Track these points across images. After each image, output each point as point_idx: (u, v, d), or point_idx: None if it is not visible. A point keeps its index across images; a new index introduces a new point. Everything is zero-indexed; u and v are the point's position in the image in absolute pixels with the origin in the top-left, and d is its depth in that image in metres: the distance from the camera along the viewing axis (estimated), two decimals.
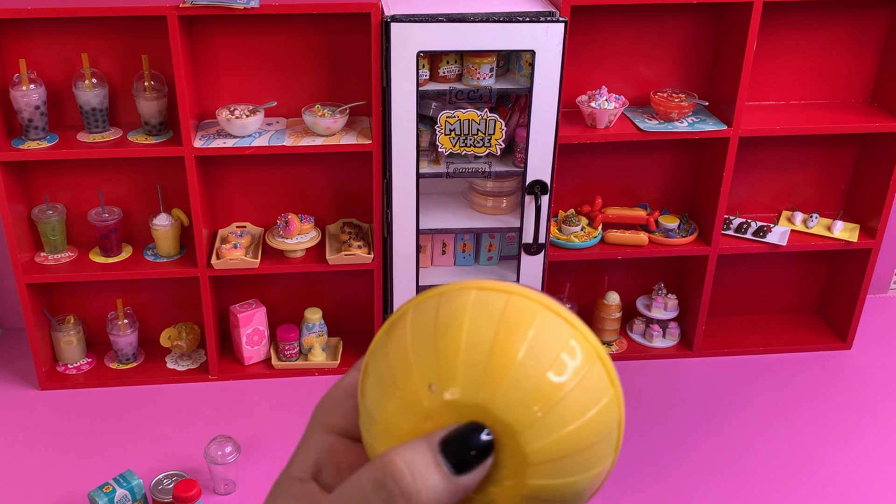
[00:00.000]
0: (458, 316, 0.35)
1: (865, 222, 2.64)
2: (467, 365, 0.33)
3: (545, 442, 0.33)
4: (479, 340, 0.34)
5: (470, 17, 2.12)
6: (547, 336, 0.35)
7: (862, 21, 2.49)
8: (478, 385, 0.33)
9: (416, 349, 0.35)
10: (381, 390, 0.36)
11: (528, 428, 0.33)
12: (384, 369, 0.36)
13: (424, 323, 0.36)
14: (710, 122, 2.43)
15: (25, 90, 2.22)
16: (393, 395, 0.35)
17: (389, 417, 0.35)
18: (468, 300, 0.36)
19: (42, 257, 2.46)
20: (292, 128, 2.39)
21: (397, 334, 0.36)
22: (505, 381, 0.33)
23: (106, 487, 2.01)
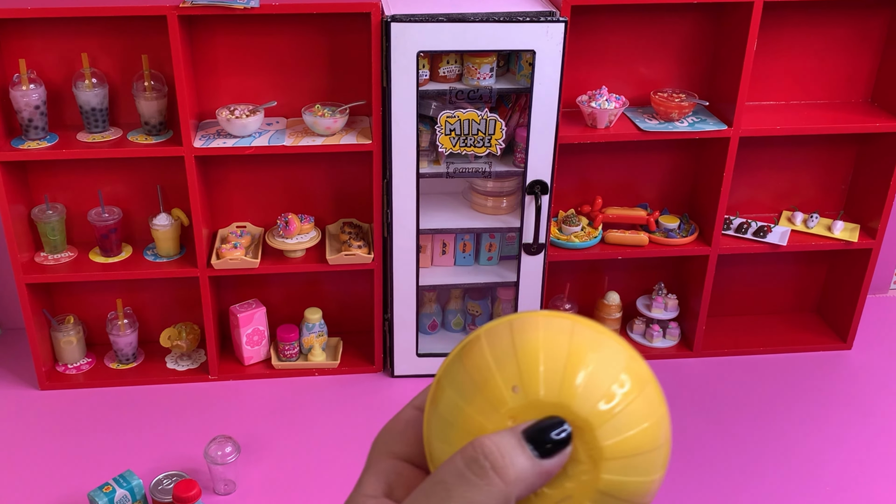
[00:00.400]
0: (533, 332, 0.40)
1: (866, 222, 2.64)
2: (548, 369, 0.38)
3: (618, 439, 0.38)
4: (555, 351, 0.39)
5: (470, 16, 2.12)
6: (611, 356, 0.40)
7: (862, 21, 2.49)
8: (559, 386, 0.38)
9: (496, 360, 0.39)
10: (462, 396, 0.39)
11: (603, 424, 0.37)
12: (464, 379, 0.40)
13: (501, 340, 0.40)
14: (710, 122, 2.43)
15: (25, 90, 2.22)
16: (476, 398, 0.39)
17: (472, 419, 0.38)
18: (539, 321, 0.41)
19: (42, 257, 2.46)
20: (292, 128, 2.39)
21: (474, 351, 0.41)
22: (582, 384, 0.38)
23: (106, 487, 2.01)
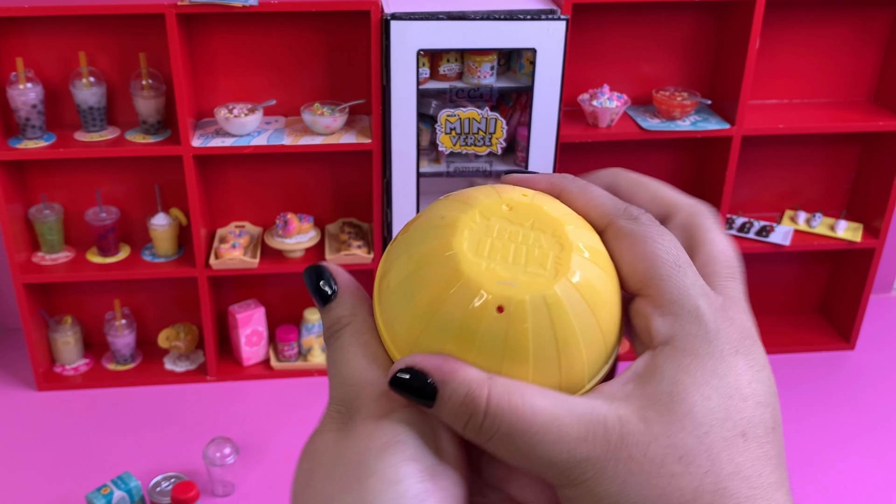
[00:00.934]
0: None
1: (869, 222, 2.62)
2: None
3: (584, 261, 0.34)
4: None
5: (470, 14, 2.10)
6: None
7: (865, 19, 2.47)
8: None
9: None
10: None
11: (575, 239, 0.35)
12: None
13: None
14: (712, 121, 2.41)
15: (22, 89, 2.21)
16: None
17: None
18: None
19: (39, 257, 2.44)
20: (291, 126, 2.38)
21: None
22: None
23: (104, 489, 1.99)
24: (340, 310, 0.37)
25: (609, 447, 0.31)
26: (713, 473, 0.31)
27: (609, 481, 0.31)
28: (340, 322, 0.36)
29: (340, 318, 0.36)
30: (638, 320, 0.34)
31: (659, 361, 0.32)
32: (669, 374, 0.32)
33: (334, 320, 0.36)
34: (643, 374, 0.32)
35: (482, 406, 0.31)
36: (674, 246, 0.34)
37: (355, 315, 0.36)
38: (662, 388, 0.32)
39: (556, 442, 0.31)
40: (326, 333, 0.37)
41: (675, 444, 0.31)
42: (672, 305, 0.33)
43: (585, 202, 0.36)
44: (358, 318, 0.36)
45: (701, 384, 0.32)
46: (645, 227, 0.34)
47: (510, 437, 0.31)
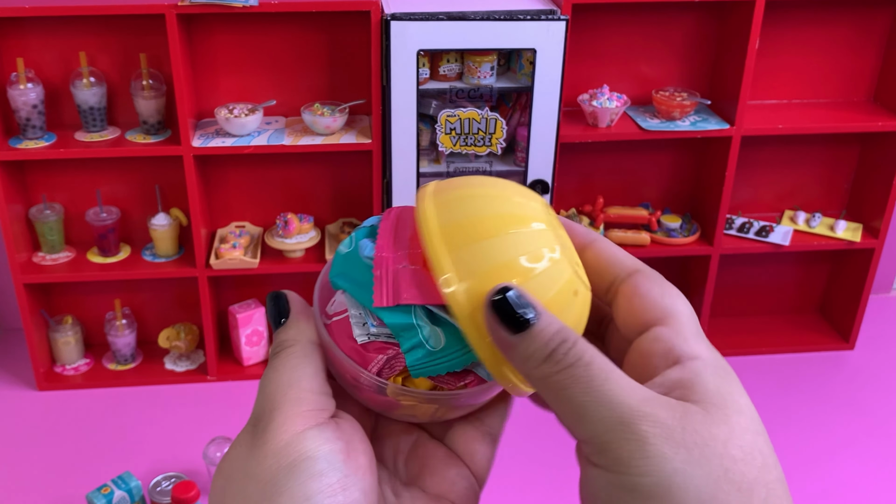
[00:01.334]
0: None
1: (868, 222, 2.62)
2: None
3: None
4: None
5: (470, 15, 2.10)
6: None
7: (865, 19, 2.47)
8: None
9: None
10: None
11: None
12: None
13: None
14: (712, 121, 2.42)
15: (23, 89, 2.21)
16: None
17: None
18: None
19: (40, 257, 2.45)
20: (291, 127, 2.38)
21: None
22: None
23: (104, 489, 2.00)
24: (286, 333, 0.40)
25: (675, 415, 0.32)
26: (766, 471, 0.33)
27: (675, 449, 0.32)
28: (283, 344, 0.40)
29: (284, 340, 0.40)
30: (658, 345, 0.37)
31: (696, 369, 0.35)
32: (712, 381, 0.34)
33: (279, 342, 0.40)
34: (683, 379, 0.34)
35: (574, 336, 0.34)
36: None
37: (297, 340, 0.39)
38: (711, 389, 0.34)
39: (632, 390, 0.33)
40: (270, 353, 0.40)
41: (735, 433, 0.33)
42: (697, 335, 0.37)
43: (619, 251, 0.41)
44: (299, 343, 0.39)
45: (740, 394, 0.35)
46: (665, 280, 0.40)
47: (591, 367, 0.33)
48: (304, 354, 0.39)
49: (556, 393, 0.34)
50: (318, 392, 0.38)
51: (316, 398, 0.37)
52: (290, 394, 0.37)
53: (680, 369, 0.35)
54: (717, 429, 0.32)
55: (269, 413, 0.36)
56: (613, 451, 0.32)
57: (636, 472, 0.32)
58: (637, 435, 0.32)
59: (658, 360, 0.36)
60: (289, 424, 0.36)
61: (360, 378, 0.40)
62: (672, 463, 0.31)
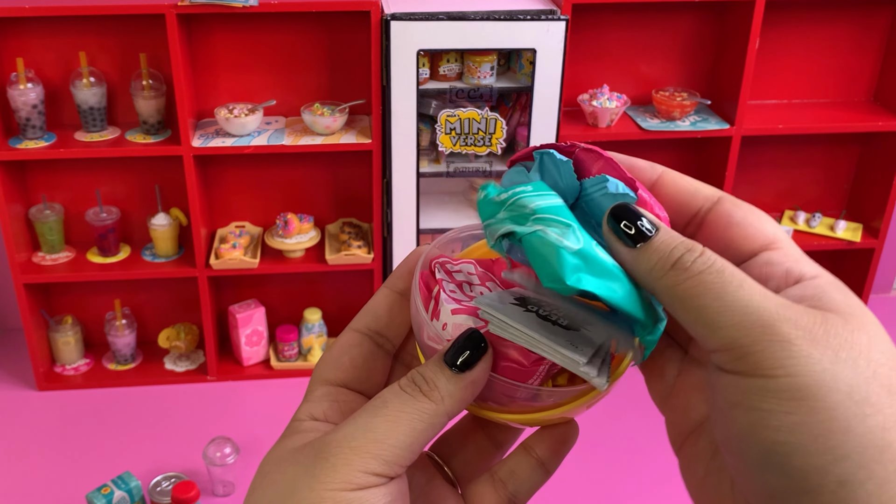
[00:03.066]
0: None
1: (868, 222, 2.62)
2: None
3: None
4: None
5: (470, 15, 2.10)
6: None
7: (865, 19, 2.47)
8: None
9: None
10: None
11: None
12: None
13: None
14: (712, 121, 2.42)
15: (23, 89, 2.21)
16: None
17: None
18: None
19: (39, 257, 2.45)
20: (291, 127, 2.38)
21: None
22: None
23: (104, 489, 1.99)
24: (440, 382, 0.37)
25: (816, 320, 0.32)
26: None
27: (821, 350, 0.31)
28: (426, 386, 0.37)
29: (433, 382, 0.37)
30: (774, 268, 0.35)
31: (820, 285, 0.34)
32: (838, 295, 0.34)
33: (427, 379, 0.37)
34: (811, 294, 0.34)
35: (700, 247, 0.33)
36: None
37: (441, 400, 0.37)
38: (839, 301, 0.33)
39: (768, 295, 0.32)
40: (403, 384, 0.37)
41: (874, 338, 0.32)
42: (807, 258, 0.36)
43: (694, 181, 0.39)
44: (442, 405, 0.37)
45: (866, 308, 0.34)
46: (752, 206, 0.38)
47: (723, 273, 0.33)
48: (435, 420, 0.36)
49: (685, 302, 0.33)
50: (409, 458, 0.36)
51: (404, 464, 0.36)
52: (383, 452, 0.35)
53: (804, 287, 0.34)
54: (859, 334, 0.32)
55: (345, 457, 0.35)
56: (756, 355, 0.31)
57: (783, 373, 0.31)
58: (781, 336, 0.31)
59: (778, 282, 0.35)
60: (360, 479, 0.34)
61: (515, 393, 0.38)
62: (821, 363, 0.30)
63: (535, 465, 0.41)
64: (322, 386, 0.41)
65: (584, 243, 0.34)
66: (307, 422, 0.39)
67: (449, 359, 0.37)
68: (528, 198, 0.36)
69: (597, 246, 0.35)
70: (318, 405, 0.40)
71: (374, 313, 0.42)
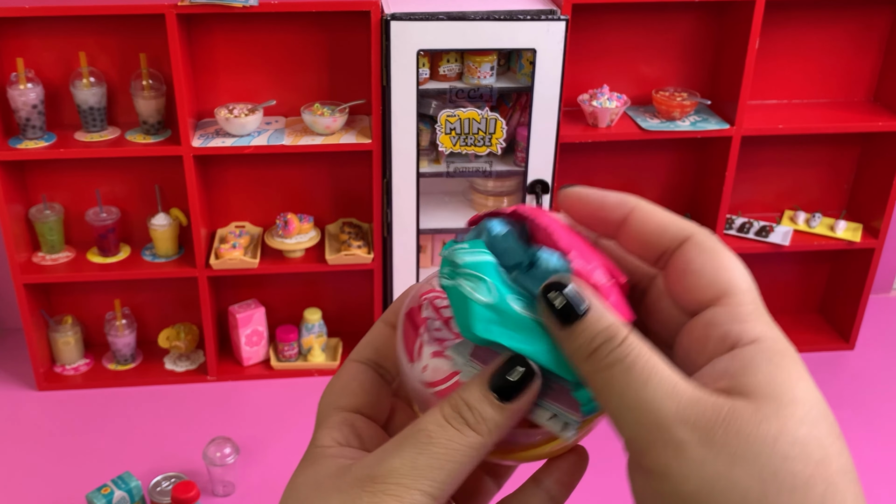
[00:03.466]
0: None
1: (868, 222, 2.62)
2: None
3: None
4: None
5: (470, 15, 2.10)
6: None
7: (865, 19, 2.47)
8: None
9: None
10: None
11: None
12: None
13: None
14: (712, 121, 2.42)
15: (23, 89, 2.21)
16: None
17: None
18: None
19: (39, 257, 2.45)
20: (291, 127, 2.38)
21: None
22: None
23: (104, 489, 2.00)
24: (486, 413, 0.36)
25: (719, 416, 0.31)
26: (825, 465, 0.30)
27: (715, 452, 0.30)
28: (475, 420, 0.36)
29: (479, 414, 0.36)
30: (712, 330, 0.34)
31: (750, 356, 0.32)
32: (766, 368, 0.32)
33: (470, 409, 0.36)
34: (736, 368, 0.32)
35: (623, 334, 0.33)
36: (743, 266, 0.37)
37: (488, 432, 0.36)
38: (762, 379, 0.32)
39: (671, 394, 0.31)
40: (448, 414, 0.36)
41: (787, 427, 0.30)
42: (755, 313, 0.34)
43: (664, 217, 0.38)
44: (488, 437, 0.36)
45: (798, 379, 0.32)
46: (722, 245, 0.36)
47: (631, 370, 0.32)
48: (479, 453, 0.35)
49: (597, 393, 0.33)
50: (452, 490, 0.35)
51: (444, 493, 0.35)
52: (430, 487, 0.34)
53: (731, 358, 0.33)
54: (767, 425, 0.30)
55: (394, 488, 0.34)
56: (652, 457, 0.31)
57: (676, 478, 0.31)
58: (675, 440, 0.31)
59: (713, 347, 0.34)
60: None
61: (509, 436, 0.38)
62: (713, 467, 0.30)
63: (546, 497, 0.41)
64: (338, 412, 0.40)
65: (498, 298, 0.35)
66: (334, 447, 0.38)
67: (494, 385, 0.35)
68: (459, 253, 0.37)
69: (515, 301, 0.35)
70: (339, 431, 0.39)
71: (372, 346, 0.42)
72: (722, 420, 0.31)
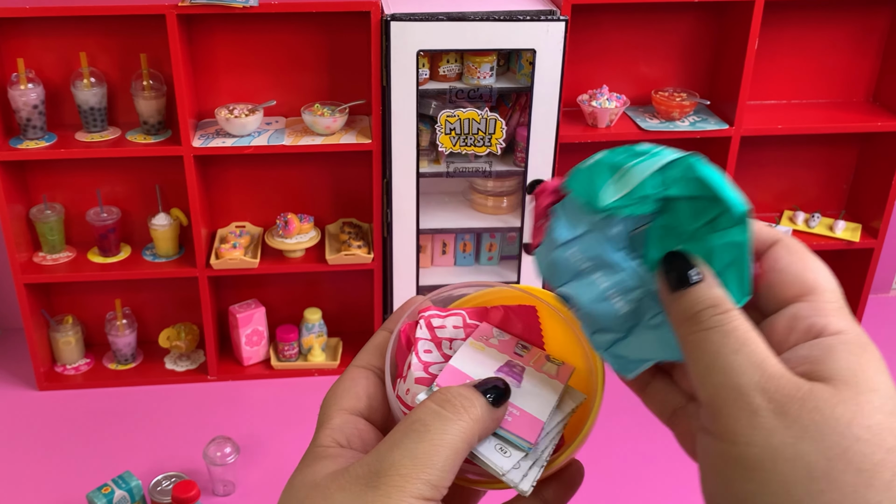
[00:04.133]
0: None
1: (867, 222, 2.63)
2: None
3: None
4: None
5: (470, 15, 2.11)
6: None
7: (863, 20, 2.48)
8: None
9: None
10: None
11: None
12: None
13: None
14: (711, 121, 2.42)
15: (24, 89, 2.21)
16: None
17: None
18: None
19: (40, 257, 2.45)
20: (291, 127, 2.38)
21: None
22: None
23: (105, 489, 2.00)
24: (484, 414, 0.39)
25: (798, 393, 0.32)
26: (895, 454, 0.31)
27: (787, 424, 0.32)
28: (466, 413, 0.38)
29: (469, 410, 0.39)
30: (798, 322, 0.36)
31: (832, 344, 0.34)
32: (847, 357, 0.34)
33: (466, 405, 0.39)
34: (817, 354, 0.34)
35: (729, 305, 0.35)
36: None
37: (472, 430, 0.39)
38: (843, 366, 0.33)
39: (758, 364, 0.33)
40: (442, 403, 0.38)
41: (864, 412, 0.32)
42: (840, 311, 0.36)
43: (755, 224, 0.40)
44: (473, 435, 0.39)
45: (877, 371, 0.33)
46: (808, 249, 0.39)
47: (728, 336, 0.34)
48: (471, 443, 0.38)
49: (689, 353, 0.35)
50: (450, 480, 0.37)
51: (446, 486, 0.37)
52: (431, 476, 0.36)
53: (814, 345, 0.34)
54: (843, 407, 0.31)
55: (397, 480, 0.35)
56: (724, 419, 0.33)
57: (744, 441, 0.32)
58: (750, 406, 0.32)
59: (796, 337, 0.36)
60: (413, 502, 0.35)
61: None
62: (781, 436, 0.31)
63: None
64: (341, 414, 0.42)
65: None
66: (334, 448, 0.40)
67: (484, 390, 0.39)
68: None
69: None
70: (341, 432, 0.41)
71: (374, 352, 0.44)
72: (800, 397, 0.32)
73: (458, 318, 0.45)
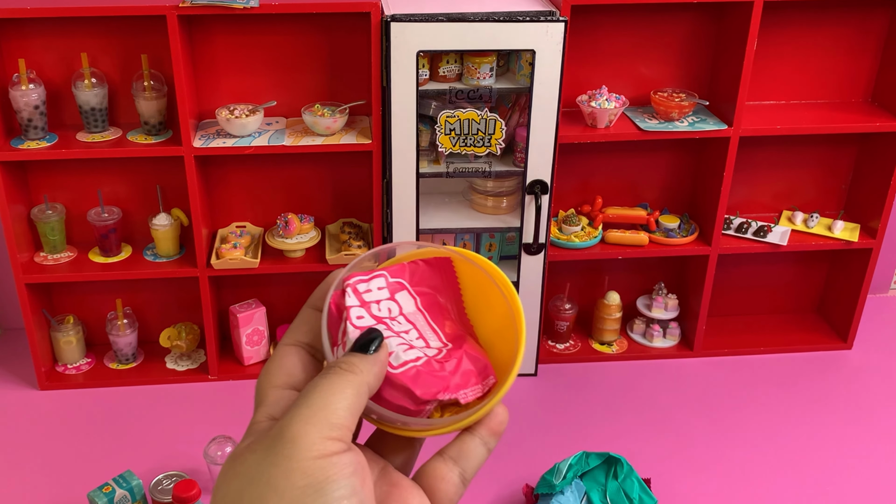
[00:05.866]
0: None
1: (866, 222, 2.64)
2: None
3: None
4: None
5: (470, 16, 2.11)
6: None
7: (862, 21, 2.48)
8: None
9: None
10: None
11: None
12: None
13: None
14: (710, 121, 2.43)
15: (25, 90, 2.22)
16: None
17: None
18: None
19: (41, 257, 2.46)
20: (292, 127, 2.39)
21: None
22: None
23: (105, 488, 2.00)
24: (358, 363, 0.44)
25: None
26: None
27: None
28: (348, 368, 0.43)
29: (352, 364, 0.43)
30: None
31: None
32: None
33: (347, 363, 0.43)
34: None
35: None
36: None
37: (361, 372, 0.43)
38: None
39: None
40: (327, 366, 0.44)
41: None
42: None
43: None
44: (361, 376, 0.43)
45: None
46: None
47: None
48: (360, 388, 0.42)
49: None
50: (351, 421, 0.40)
51: (349, 427, 0.40)
52: (329, 417, 0.39)
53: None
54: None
55: (301, 428, 0.39)
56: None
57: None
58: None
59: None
60: (320, 445, 0.38)
61: (410, 425, 0.46)
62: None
63: (480, 443, 0.46)
64: (274, 390, 0.45)
65: None
66: (265, 422, 0.43)
67: (357, 348, 0.44)
68: None
69: None
70: (275, 407, 0.44)
71: (302, 329, 0.47)
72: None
73: (380, 279, 0.48)
